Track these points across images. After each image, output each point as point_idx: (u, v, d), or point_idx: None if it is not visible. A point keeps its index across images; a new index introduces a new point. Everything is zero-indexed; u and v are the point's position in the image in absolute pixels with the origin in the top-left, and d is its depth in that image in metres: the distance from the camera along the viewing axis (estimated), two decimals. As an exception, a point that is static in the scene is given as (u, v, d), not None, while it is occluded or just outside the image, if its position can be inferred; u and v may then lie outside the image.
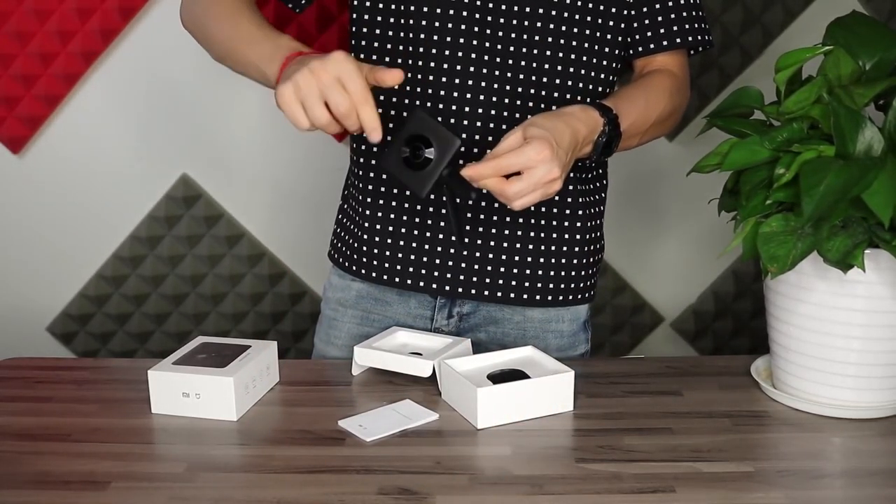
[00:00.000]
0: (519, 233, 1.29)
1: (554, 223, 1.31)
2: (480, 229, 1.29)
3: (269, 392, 1.19)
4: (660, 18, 1.29)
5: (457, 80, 1.23)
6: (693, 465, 0.99)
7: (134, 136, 1.78)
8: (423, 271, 1.31)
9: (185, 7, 1.27)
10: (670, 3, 1.29)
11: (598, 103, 1.20)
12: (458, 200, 1.23)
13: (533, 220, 1.30)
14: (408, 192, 1.29)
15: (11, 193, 1.80)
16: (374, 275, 1.35)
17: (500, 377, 1.12)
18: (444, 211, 1.28)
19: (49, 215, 1.82)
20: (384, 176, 1.31)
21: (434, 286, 1.31)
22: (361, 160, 1.34)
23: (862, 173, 0.99)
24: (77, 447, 1.04)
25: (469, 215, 1.28)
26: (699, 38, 1.31)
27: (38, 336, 1.88)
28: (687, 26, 1.30)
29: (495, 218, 1.28)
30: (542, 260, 1.31)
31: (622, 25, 1.28)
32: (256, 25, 1.15)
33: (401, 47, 1.25)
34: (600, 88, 1.30)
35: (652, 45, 1.30)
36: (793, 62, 1.11)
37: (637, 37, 1.30)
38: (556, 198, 1.29)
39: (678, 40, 1.30)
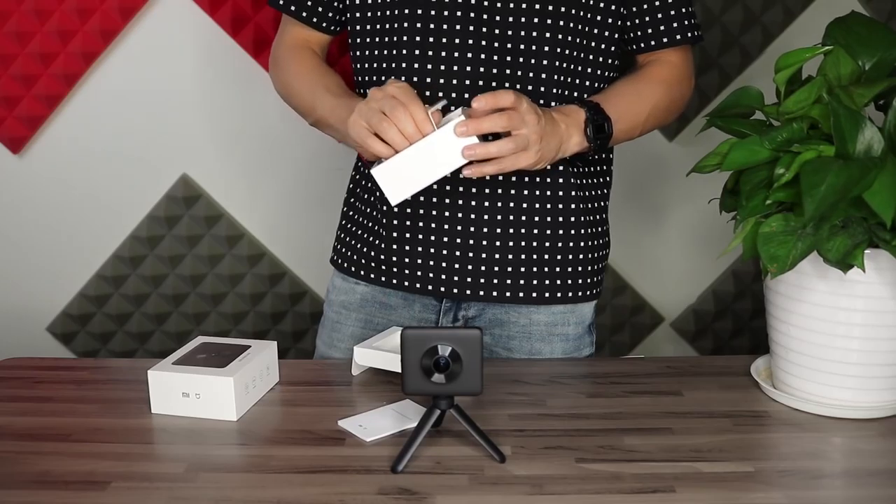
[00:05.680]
0: (523, 230, 1.29)
1: (560, 219, 1.31)
2: (485, 229, 1.29)
3: (269, 392, 1.19)
4: (659, 16, 1.30)
5: (453, 81, 1.23)
6: (693, 465, 0.99)
7: (134, 136, 1.78)
8: (431, 274, 1.31)
9: (273, 79, 1.43)
10: (662, 2, 1.30)
11: (580, 99, 1.26)
12: None
13: (537, 218, 1.30)
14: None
15: (11, 193, 1.80)
16: (382, 279, 1.35)
17: None
18: (447, 213, 1.28)
19: (49, 215, 1.82)
20: None
21: (441, 289, 1.31)
22: (367, 165, 1.34)
23: (862, 173, 0.99)
24: (77, 447, 1.04)
25: (473, 216, 1.28)
26: (694, 33, 1.33)
27: (38, 336, 1.88)
28: (686, 22, 1.32)
29: (499, 217, 1.28)
30: (546, 257, 1.31)
31: (617, 22, 1.29)
32: (332, 94, 1.29)
33: (394, 52, 1.26)
34: (597, 84, 1.31)
35: (653, 42, 1.32)
36: (793, 62, 1.11)
37: (637, 34, 1.32)
38: (560, 192, 1.30)
39: (678, 37, 1.32)
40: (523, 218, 1.29)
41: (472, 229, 1.29)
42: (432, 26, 1.23)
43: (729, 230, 1.16)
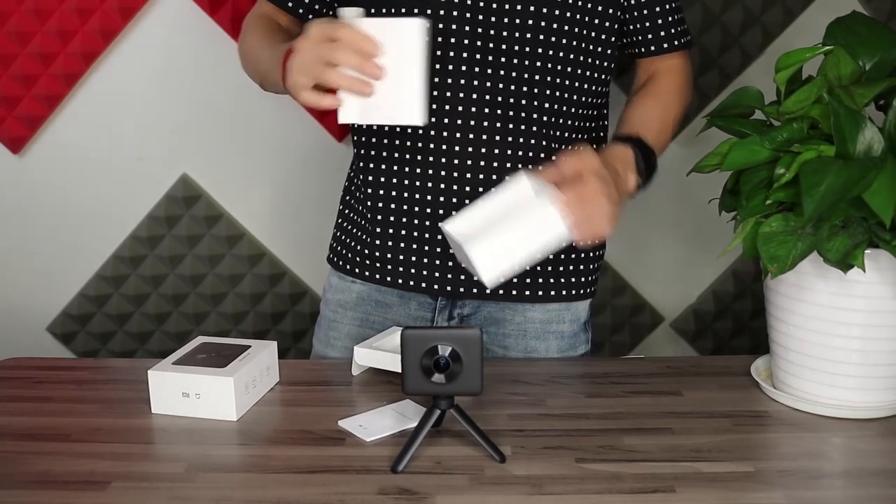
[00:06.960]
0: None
1: None
2: None
3: (269, 392, 1.19)
4: (659, 21, 1.32)
5: (449, 81, 1.23)
6: (693, 465, 0.99)
7: (134, 136, 1.78)
8: (425, 272, 1.31)
9: (240, 54, 1.38)
10: (667, 6, 1.32)
11: (620, 136, 1.25)
12: None
13: None
14: (406, 194, 1.30)
15: (11, 193, 1.80)
16: (377, 276, 1.35)
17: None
18: (441, 212, 1.28)
19: (49, 215, 1.82)
20: (388, 178, 1.31)
21: (436, 286, 1.31)
22: (364, 162, 1.34)
23: (862, 173, 0.99)
24: (77, 447, 1.04)
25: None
26: (686, 39, 1.36)
27: (38, 336, 1.88)
28: (681, 28, 1.35)
29: None
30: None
31: (614, 25, 1.29)
32: (273, 45, 1.23)
33: None
34: (595, 87, 1.31)
35: (653, 48, 1.34)
36: (793, 62, 1.11)
37: (639, 38, 1.33)
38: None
39: (676, 42, 1.34)
40: None
41: None
42: (438, 38, 1.23)
43: (729, 230, 1.16)
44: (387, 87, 1.05)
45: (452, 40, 1.23)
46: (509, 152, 1.26)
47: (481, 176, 1.27)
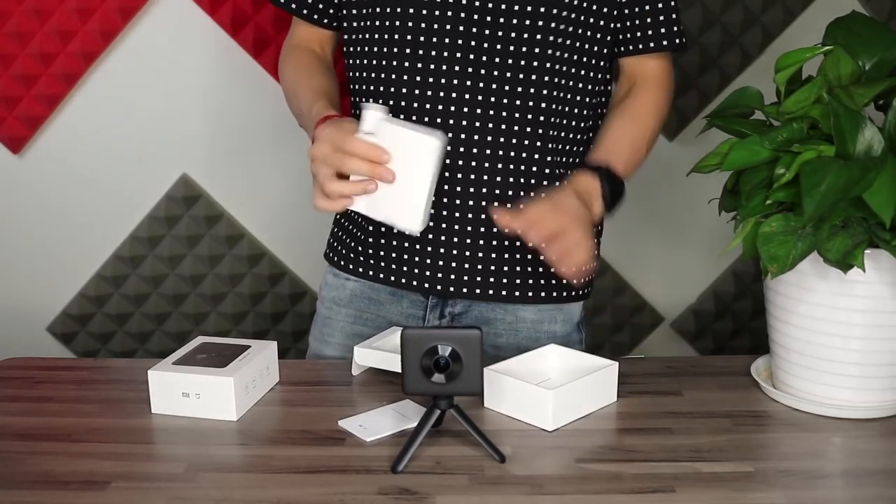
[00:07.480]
0: (509, 230, 1.29)
1: None
2: (469, 228, 1.29)
3: (269, 392, 1.19)
4: (648, 20, 1.30)
5: (443, 80, 1.24)
6: (693, 465, 0.99)
7: (134, 136, 1.78)
8: (416, 270, 1.31)
9: (281, 86, 1.42)
10: (659, 5, 1.30)
11: (589, 164, 1.27)
12: None
13: None
14: None
15: (11, 193, 1.80)
16: (370, 273, 1.35)
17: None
18: (433, 211, 1.28)
19: (49, 215, 1.82)
20: None
21: (426, 285, 1.31)
22: None
23: (862, 173, 0.99)
24: (77, 447, 1.04)
25: (458, 215, 1.28)
26: (677, 40, 1.33)
27: (38, 336, 1.88)
28: (675, 28, 1.32)
29: (483, 216, 1.28)
30: (530, 257, 1.31)
31: (612, 25, 1.29)
32: (307, 103, 1.29)
33: (385, 49, 1.26)
34: (590, 86, 1.31)
35: (640, 46, 1.32)
36: (793, 62, 1.11)
37: (627, 36, 1.32)
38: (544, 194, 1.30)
39: (664, 42, 1.32)
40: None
41: (457, 227, 1.29)
42: (423, 25, 1.23)
43: (729, 230, 1.16)
44: (394, 191, 1.11)
45: (447, 40, 1.23)
46: (501, 153, 1.26)
47: (472, 176, 1.27)
